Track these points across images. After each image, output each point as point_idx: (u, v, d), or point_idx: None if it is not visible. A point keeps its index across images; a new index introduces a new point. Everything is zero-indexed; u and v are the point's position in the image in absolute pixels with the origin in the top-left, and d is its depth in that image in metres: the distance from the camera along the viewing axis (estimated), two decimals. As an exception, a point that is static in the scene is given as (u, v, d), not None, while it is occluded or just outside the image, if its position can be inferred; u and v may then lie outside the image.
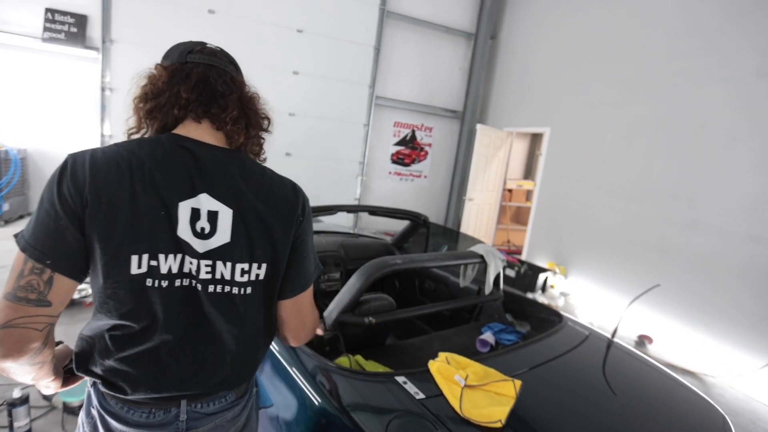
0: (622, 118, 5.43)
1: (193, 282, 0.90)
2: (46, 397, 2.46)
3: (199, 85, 0.93)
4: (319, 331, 1.45)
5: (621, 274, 5.29)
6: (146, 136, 0.97)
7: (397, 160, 8.36)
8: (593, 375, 1.68)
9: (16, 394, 2.17)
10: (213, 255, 0.90)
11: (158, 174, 0.86)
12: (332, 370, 1.47)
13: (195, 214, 0.88)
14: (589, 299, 5.60)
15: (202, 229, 0.89)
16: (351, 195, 7.98)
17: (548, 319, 2.26)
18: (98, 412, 0.94)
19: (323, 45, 7.27)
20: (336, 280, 2.98)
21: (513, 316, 2.41)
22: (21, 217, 6.35)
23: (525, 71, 7.34)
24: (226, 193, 0.91)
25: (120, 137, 1.00)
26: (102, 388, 0.92)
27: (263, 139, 1.10)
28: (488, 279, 2.26)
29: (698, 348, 4.36)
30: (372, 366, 1.69)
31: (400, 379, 1.41)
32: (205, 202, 0.89)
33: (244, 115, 1.00)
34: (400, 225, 3.29)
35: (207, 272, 0.90)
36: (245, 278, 0.94)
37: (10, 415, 2.16)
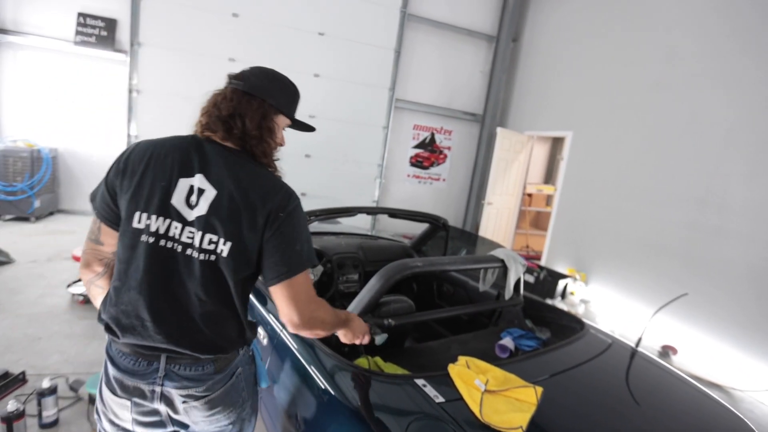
0: (646, 122, 5.31)
1: (174, 244, 1.10)
2: (73, 388, 2.54)
3: (232, 105, 1.20)
4: (365, 340, 1.51)
5: (644, 282, 5.17)
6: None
7: (416, 162, 8.35)
8: (616, 384, 1.64)
9: (46, 384, 2.24)
10: (193, 224, 1.11)
11: (171, 155, 1.13)
12: (351, 370, 1.47)
13: (191, 189, 1.11)
14: (610, 307, 5.48)
15: (192, 201, 1.11)
16: (369, 197, 8.00)
17: (569, 326, 2.22)
18: (106, 355, 1.18)
19: (344, 48, 7.32)
20: (354, 281, 2.99)
21: (533, 322, 2.38)
22: (51, 213, 6.58)
23: (547, 74, 7.25)
24: (216, 178, 1.12)
25: (147, 137, 1.21)
26: (107, 336, 1.16)
27: (269, 146, 1.28)
28: (508, 284, 2.24)
29: (726, 360, 4.22)
30: (391, 368, 1.68)
31: (420, 381, 1.40)
32: (198, 181, 1.12)
33: (269, 133, 1.27)
34: (418, 228, 3.28)
35: (187, 237, 1.11)
36: (211, 247, 1.11)
37: (39, 404, 2.23)
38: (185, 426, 1.20)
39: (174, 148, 1.15)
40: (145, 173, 1.11)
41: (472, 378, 1.39)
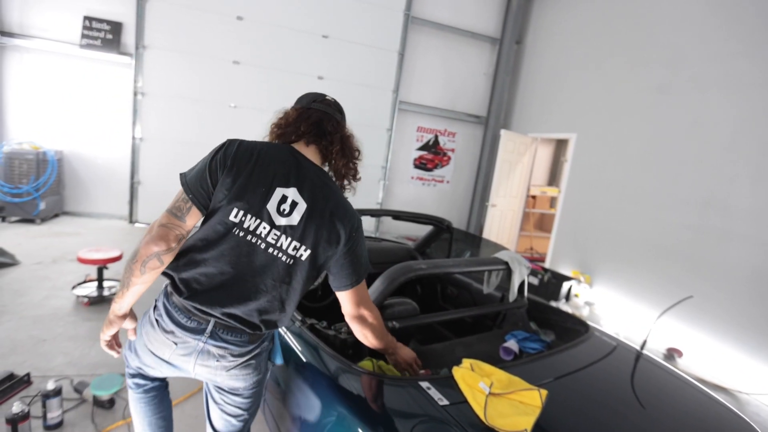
0: (651, 124, 5.30)
1: (258, 241, 1.31)
2: (78, 390, 2.54)
3: (314, 124, 1.41)
4: (416, 369, 1.68)
5: (649, 284, 5.15)
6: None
7: (420, 164, 8.35)
8: (621, 387, 1.64)
9: (50, 386, 2.24)
10: (282, 229, 1.31)
11: (272, 166, 1.31)
12: (355, 372, 1.47)
13: (283, 198, 1.31)
14: (615, 309, 5.46)
15: (284, 209, 1.31)
16: (373, 199, 8.01)
17: (574, 328, 2.22)
18: (163, 305, 1.35)
19: (347, 50, 7.34)
20: (358, 283, 2.99)
21: (537, 324, 2.38)
22: (56, 215, 6.60)
23: (551, 76, 7.25)
24: (309, 193, 1.33)
25: (151, 139, 1.25)
26: (169, 289, 1.34)
27: (354, 165, 1.51)
28: (513, 286, 2.24)
29: (731, 363, 4.19)
30: (394, 370, 1.68)
31: (424, 384, 1.40)
32: (293, 193, 1.32)
33: (342, 147, 1.46)
34: (421, 230, 3.29)
35: (272, 238, 1.31)
36: (293, 253, 1.34)
37: (44, 406, 2.23)
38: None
39: (275, 157, 1.34)
40: (251, 175, 1.29)
41: (477, 380, 1.39)
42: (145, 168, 6.75)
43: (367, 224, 7.86)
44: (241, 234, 1.29)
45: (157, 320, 1.36)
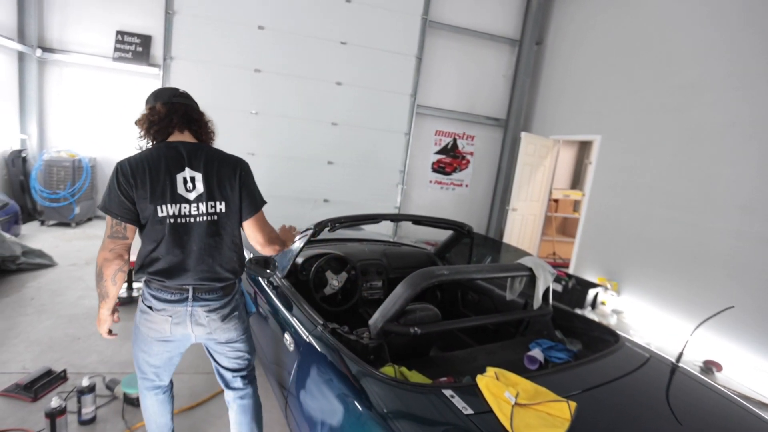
0: (682, 124, 5.11)
1: (187, 218, 1.65)
2: (109, 387, 2.64)
3: (183, 115, 1.74)
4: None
5: (682, 293, 4.93)
6: (150, 144, 1.71)
7: (438, 168, 8.30)
8: (656, 401, 1.55)
9: (85, 382, 2.33)
10: (195, 200, 1.65)
11: (162, 163, 1.62)
12: (377, 378, 1.44)
13: (184, 180, 1.64)
14: (645, 319, 5.26)
15: (189, 187, 1.64)
16: (391, 203, 7.98)
17: (602, 338, 2.13)
18: (149, 294, 1.69)
19: (366, 56, 7.37)
20: (378, 288, 2.97)
21: (562, 333, 2.30)
22: (89, 219, 6.91)
23: (572, 77, 7.11)
24: (198, 165, 1.67)
25: None
26: (150, 278, 1.66)
27: (212, 134, 1.88)
28: (537, 293, 2.16)
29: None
30: (417, 377, 1.64)
31: (447, 392, 1.35)
32: (188, 172, 1.65)
33: (206, 128, 1.84)
34: (440, 234, 3.24)
35: (194, 211, 1.65)
36: (212, 210, 1.69)
37: (79, 401, 2.33)
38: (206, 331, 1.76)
39: (160, 156, 1.63)
40: (153, 179, 1.59)
41: (502, 390, 1.34)
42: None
43: (386, 228, 7.84)
44: (173, 221, 1.62)
45: (149, 307, 1.69)
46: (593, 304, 5.20)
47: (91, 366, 2.93)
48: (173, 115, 1.71)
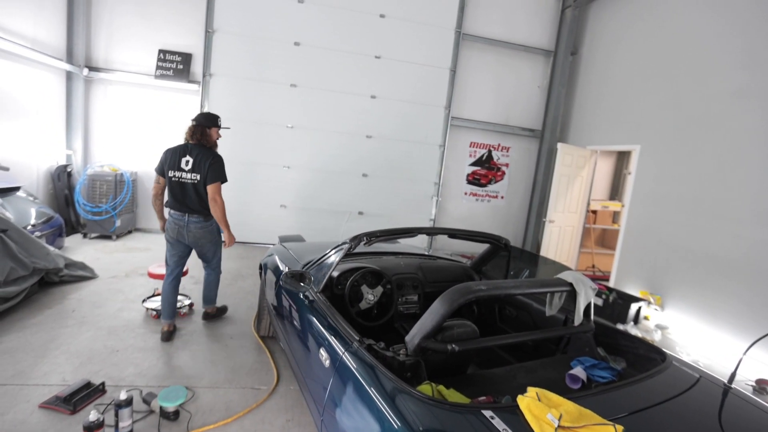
0: (728, 132, 4.89)
1: (182, 179, 3.43)
2: (146, 401, 2.66)
3: (194, 128, 3.55)
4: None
5: (730, 308, 4.68)
6: (183, 141, 3.60)
7: (473, 180, 8.23)
8: (708, 426, 1.48)
9: (123, 396, 2.36)
10: (187, 171, 3.42)
11: (178, 151, 3.48)
12: (414, 396, 1.43)
13: (185, 161, 3.43)
14: (691, 335, 5.01)
15: (185, 163, 3.43)
16: (426, 215, 7.97)
17: (648, 356, 2.05)
18: (169, 214, 3.58)
19: (399, 69, 7.45)
20: (414, 302, 2.96)
21: (605, 350, 2.22)
22: (129, 232, 7.12)
23: (609, 86, 6.94)
24: (192, 155, 3.44)
25: None
26: (168, 207, 3.59)
27: (209, 141, 3.58)
28: (578, 309, 2.11)
29: (834, 399, 3.70)
30: (454, 396, 1.62)
31: (487, 413, 1.34)
32: (187, 157, 3.44)
33: (203, 135, 3.54)
34: (475, 247, 3.22)
35: (185, 177, 3.43)
36: (194, 178, 3.42)
37: (116, 415, 2.35)
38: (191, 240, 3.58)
39: (179, 148, 3.47)
40: (172, 158, 3.44)
41: (544, 412, 1.32)
42: (209, 188, 7.13)
43: (420, 241, 7.82)
44: (175, 180, 3.42)
45: (170, 222, 3.53)
46: (636, 319, 5.00)
47: (128, 379, 2.97)
48: (191, 129, 3.53)
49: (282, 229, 6.68)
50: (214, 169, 3.38)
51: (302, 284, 2.45)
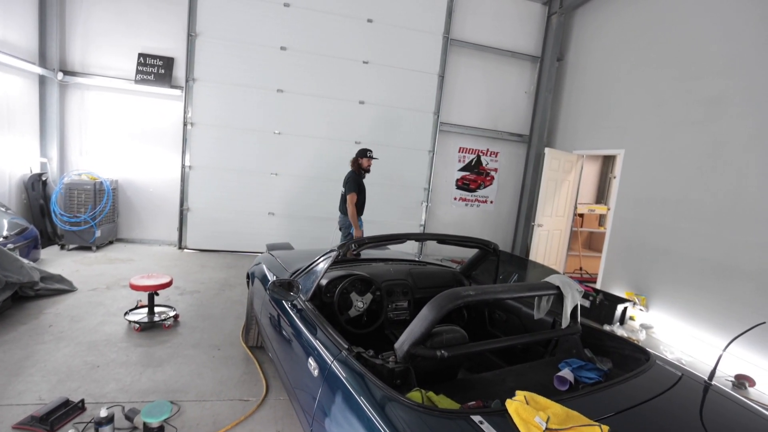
0: (708, 137, 5.02)
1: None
2: (128, 417, 2.58)
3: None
4: None
5: (713, 307, 4.78)
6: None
7: (462, 185, 8.29)
8: (690, 423, 1.52)
9: (103, 413, 2.29)
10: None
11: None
12: (404, 404, 1.44)
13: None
14: (674, 334, 5.11)
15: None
16: (416, 221, 8.00)
17: (633, 356, 2.09)
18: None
19: (388, 75, 7.50)
20: (404, 308, 2.97)
21: (592, 351, 2.25)
22: (110, 242, 6.93)
23: (595, 92, 7.06)
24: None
25: (200, 167, 1.27)
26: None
27: (357, 166, 5.33)
28: (565, 311, 2.14)
29: (815, 395, 3.79)
30: (444, 401, 1.64)
31: (476, 418, 1.36)
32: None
33: (353, 164, 5.39)
34: (465, 252, 3.24)
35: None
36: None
37: None
38: None
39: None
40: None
41: (532, 415, 1.34)
42: (194, 195, 7.07)
43: (411, 246, 7.84)
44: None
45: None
46: (622, 320, 5.07)
47: (110, 395, 2.86)
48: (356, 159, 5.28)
49: (270, 237, 6.65)
50: (346, 183, 5.28)
51: (290, 293, 2.41)
